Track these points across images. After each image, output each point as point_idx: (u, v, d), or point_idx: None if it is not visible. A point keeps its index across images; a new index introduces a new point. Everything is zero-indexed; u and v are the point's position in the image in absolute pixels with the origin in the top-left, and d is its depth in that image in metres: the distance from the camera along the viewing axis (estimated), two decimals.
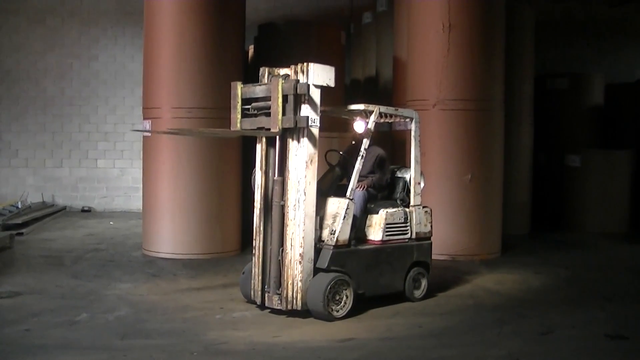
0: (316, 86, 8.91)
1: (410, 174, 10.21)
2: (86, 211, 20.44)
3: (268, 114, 9.06)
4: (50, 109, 20.76)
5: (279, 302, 9.12)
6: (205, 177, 13.37)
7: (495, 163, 13.77)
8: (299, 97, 8.93)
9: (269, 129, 9.04)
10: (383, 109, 9.81)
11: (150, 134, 13.65)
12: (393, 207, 9.92)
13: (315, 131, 8.95)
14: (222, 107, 13.28)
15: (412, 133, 10.27)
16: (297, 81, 8.90)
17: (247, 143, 13.06)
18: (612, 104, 19.95)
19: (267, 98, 9.11)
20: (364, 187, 9.72)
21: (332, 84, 9.05)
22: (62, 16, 20.77)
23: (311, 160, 8.93)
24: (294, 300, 8.98)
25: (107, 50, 20.93)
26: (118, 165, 20.87)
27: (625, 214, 18.01)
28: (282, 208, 9.14)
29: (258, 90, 9.30)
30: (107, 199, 20.87)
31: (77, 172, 20.79)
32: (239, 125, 9.42)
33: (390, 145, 14.18)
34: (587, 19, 22.82)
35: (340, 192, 9.46)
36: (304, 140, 8.91)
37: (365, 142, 9.47)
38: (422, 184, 10.29)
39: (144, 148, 14.28)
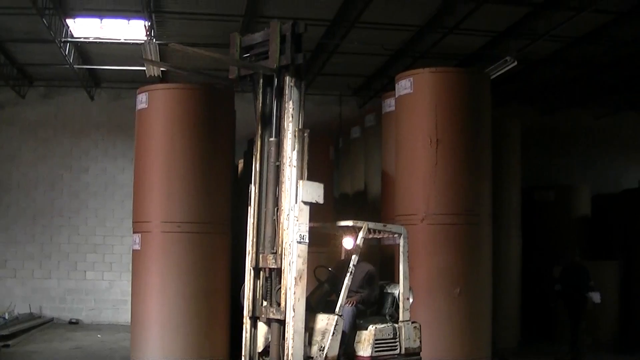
0: (305, 203, 8.99)
1: (399, 290, 10.23)
2: (74, 323, 20.25)
3: (266, 58, 9.30)
4: (40, 219, 20.81)
5: (274, 261, 9.04)
6: (194, 291, 13.35)
7: (483, 276, 13.77)
8: (296, 36, 9.18)
9: None
10: (371, 225, 9.89)
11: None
12: (382, 323, 9.91)
13: (304, 247, 8.98)
14: (212, 222, 13.48)
15: (401, 249, 10.32)
16: (295, 21, 9.18)
17: (236, 258, 13.07)
18: (599, 215, 20.09)
19: (265, 43, 9.37)
20: (353, 303, 9.72)
21: (321, 200, 9.14)
22: (54, 128, 21.02)
23: (300, 277, 8.94)
24: None
25: (98, 162, 21.11)
26: (107, 277, 20.80)
27: (615, 324, 17.95)
28: (278, 168, 9.16)
29: (257, 36, 9.59)
30: (95, 311, 20.71)
31: (65, 284, 20.69)
32: (237, 72, 9.61)
33: (379, 258, 14.20)
34: (573, 130, 23.22)
35: (330, 308, 9.45)
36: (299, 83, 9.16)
37: (354, 258, 9.52)
38: (411, 299, 10.30)
39: (133, 261, 14.29)
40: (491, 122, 14.37)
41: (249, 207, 9.41)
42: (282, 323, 8.93)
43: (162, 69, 18.07)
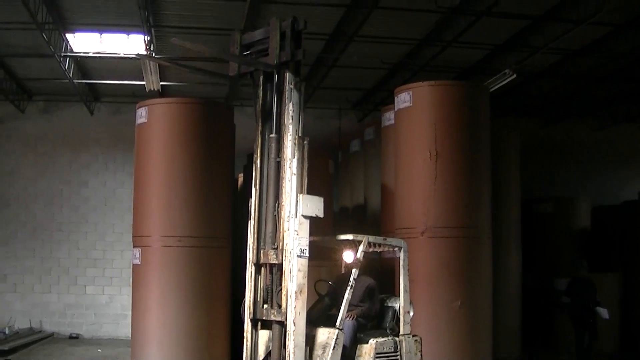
0: (305, 217, 8.99)
1: (399, 303, 10.22)
2: (74, 338, 20.20)
3: (266, 55, 9.35)
4: (40, 234, 20.81)
5: (275, 257, 9.04)
6: (194, 306, 13.35)
7: (483, 289, 13.76)
8: (296, 33, 9.22)
9: None
10: (372, 238, 9.88)
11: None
12: (383, 337, 9.89)
13: (305, 261, 8.98)
14: (212, 236, 13.47)
15: (401, 262, 10.31)
16: (295, 18, 9.22)
17: (236, 272, 13.08)
18: (598, 227, 20.08)
19: (265, 40, 9.43)
20: (354, 316, 9.71)
21: (321, 214, 9.13)
22: (53, 142, 21.04)
23: (300, 291, 8.93)
24: None
25: (98, 177, 21.12)
26: (107, 292, 20.77)
27: (616, 335, 17.93)
28: (278, 164, 9.18)
29: (257, 34, 9.65)
30: (96, 325, 20.68)
31: (65, 298, 20.67)
32: (237, 69, 9.67)
33: (379, 272, 14.19)
34: (572, 142, 23.25)
35: (330, 322, 9.43)
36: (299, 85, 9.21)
37: (355, 272, 9.50)
38: (412, 313, 10.29)
39: (133, 276, 14.29)
40: (490, 135, 14.39)
41: (250, 204, 9.43)
42: (283, 325, 8.92)
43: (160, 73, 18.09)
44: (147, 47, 15.60)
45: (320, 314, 10.07)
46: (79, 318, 20.68)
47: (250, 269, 9.30)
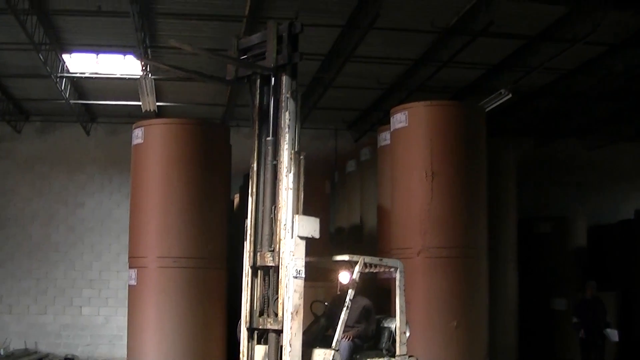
0: (301, 238, 8.97)
1: (395, 324, 10.20)
2: (69, 359, 20.08)
3: (263, 59, 9.42)
4: (36, 254, 20.74)
5: (272, 259, 9.03)
6: (190, 327, 13.34)
7: (480, 309, 13.73)
8: (293, 37, 9.29)
9: None
10: (367, 259, 9.87)
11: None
12: (379, 357, 9.89)
13: (301, 282, 8.96)
14: (208, 257, 13.46)
15: (397, 282, 10.30)
16: (292, 22, 9.30)
17: (233, 293, 13.04)
18: (596, 246, 20.04)
19: (262, 44, 9.51)
20: (350, 337, 9.68)
21: (317, 235, 9.14)
22: (50, 163, 21.02)
23: (296, 312, 8.91)
24: None
25: (94, 197, 21.08)
26: (103, 312, 20.68)
27: (614, 354, 17.87)
28: (275, 167, 9.21)
29: (254, 38, 9.74)
30: (91, 346, 20.56)
31: (61, 319, 20.56)
32: (234, 73, 9.75)
33: (375, 292, 14.14)
34: (569, 161, 23.24)
35: (326, 343, 9.41)
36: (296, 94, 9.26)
37: (351, 293, 9.49)
38: (408, 333, 10.27)
39: (129, 296, 14.25)
40: (486, 154, 14.40)
41: (247, 207, 9.46)
42: (279, 334, 8.91)
43: (158, 70, 18.02)
44: (144, 68, 15.62)
45: (316, 334, 10.05)
46: (75, 339, 20.57)
47: (246, 276, 9.29)
